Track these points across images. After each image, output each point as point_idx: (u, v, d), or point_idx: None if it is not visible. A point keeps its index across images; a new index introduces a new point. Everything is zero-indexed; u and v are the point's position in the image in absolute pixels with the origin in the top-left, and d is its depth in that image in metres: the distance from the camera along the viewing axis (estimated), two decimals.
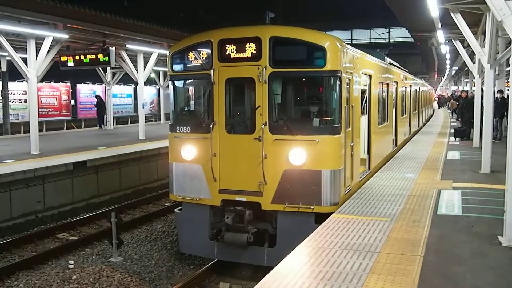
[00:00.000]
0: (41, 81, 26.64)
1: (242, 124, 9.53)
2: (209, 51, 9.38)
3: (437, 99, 64.01)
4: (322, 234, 6.99)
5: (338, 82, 8.96)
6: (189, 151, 9.67)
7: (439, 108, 57.96)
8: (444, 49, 25.75)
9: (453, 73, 52.99)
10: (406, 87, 19.86)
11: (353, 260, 5.88)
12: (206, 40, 9.45)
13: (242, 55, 9.13)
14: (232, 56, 9.21)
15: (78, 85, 31.97)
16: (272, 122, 9.04)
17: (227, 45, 9.21)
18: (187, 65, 9.80)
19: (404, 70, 20.86)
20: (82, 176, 15.64)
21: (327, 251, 6.23)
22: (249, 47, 9.05)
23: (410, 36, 31.07)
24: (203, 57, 9.54)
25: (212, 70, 9.29)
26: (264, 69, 8.91)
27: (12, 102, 26.42)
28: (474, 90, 23.13)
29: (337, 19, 59.18)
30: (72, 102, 32.04)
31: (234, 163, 9.27)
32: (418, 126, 26.92)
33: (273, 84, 9.09)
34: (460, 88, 48.32)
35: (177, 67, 9.98)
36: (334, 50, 8.88)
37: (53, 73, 23.03)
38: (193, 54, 9.65)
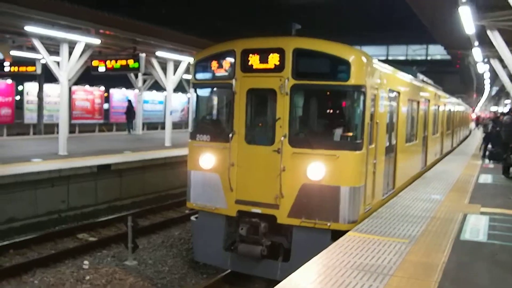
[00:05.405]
0: (76, 84, 27.07)
1: (262, 135, 9.39)
2: (232, 60, 9.29)
3: (475, 119, 62.41)
4: (335, 252, 6.77)
5: (362, 97, 8.72)
6: (207, 159, 9.57)
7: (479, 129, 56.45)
8: (482, 68, 25.12)
9: (493, 93, 51.79)
10: (439, 106, 19.38)
11: (362, 281, 5.64)
12: (229, 49, 9.37)
13: (264, 65, 9.00)
14: (254, 67, 9.09)
15: (111, 90, 32.37)
16: (292, 134, 8.86)
17: (250, 55, 9.10)
18: (210, 74, 9.73)
19: (438, 88, 20.37)
20: (106, 179, 15.76)
21: (337, 270, 6.00)
22: (272, 58, 8.91)
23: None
24: (225, 67, 9.44)
25: (234, 80, 9.19)
26: (286, 80, 8.75)
27: (48, 104, 26.79)
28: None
29: (373, 33, 58.60)
30: (106, 106, 32.46)
31: (251, 174, 9.12)
32: (452, 146, 26.27)
33: (294, 96, 8.92)
34: (500, 109, 47.11)
35: (200, 75, 9.92)
36: (359, 64, 8.67)
37: (88, 77, 23.29)
38: (216, 63, 9.56)
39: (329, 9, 53.13)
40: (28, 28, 15.44)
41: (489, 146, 20.66)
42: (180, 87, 30.02)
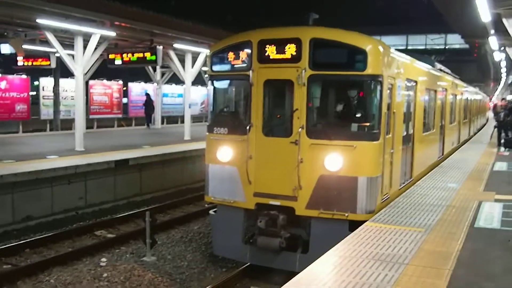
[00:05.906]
0: (93, 78, 26.88)
1: (279, 127, 9.38)
2: (249, 51, 9.26)
3: (491, 108, 61.63)
4: (352, 242, 6.80)
5: (379, 87, 8.71)
6: (225, 152, 9.58)
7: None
8: (498, 56, 24.83)
9: (509, 82, 51.14)
10: (456, 95, 19.22)
11: (378, 271, 5.67)
12: (245, 40, 9.34)
13: (281, 56, 8.97)
14: (271, 57, 9.06)
15: (129, 84, 32.23)
16: (309, 125, 8.85)
17: (267, 46, 9.07)
18: (226, 65, 9.72)
19: (456, 77, 20.20)
20: (124, 174, 15.72)
21: (354, 260, 6.04)
22: (289, 48, 8.88)
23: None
24: (242, 58, 9.42)
25: (251, 71, 9.18)
26: (303, 71, 8.72)
27: (64, 99, 26.35)
28: None
29: (392, 24, 58.03)
30: (125, 100, 32.22)
31: (269, 167, 9.13)
32: (469, 135, 26.09)
33: (312, 87, 8.90)
34: None
35: (217, 67, 9.92)
36: (376, 53, 8.63)
37: (106, 71, 23.11)
38: (233, 55, 9.53)
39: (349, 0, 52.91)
40: (41, 21, 15.13)
41: (503, 134, 20.51)
42: (200, 80, 29.68)
